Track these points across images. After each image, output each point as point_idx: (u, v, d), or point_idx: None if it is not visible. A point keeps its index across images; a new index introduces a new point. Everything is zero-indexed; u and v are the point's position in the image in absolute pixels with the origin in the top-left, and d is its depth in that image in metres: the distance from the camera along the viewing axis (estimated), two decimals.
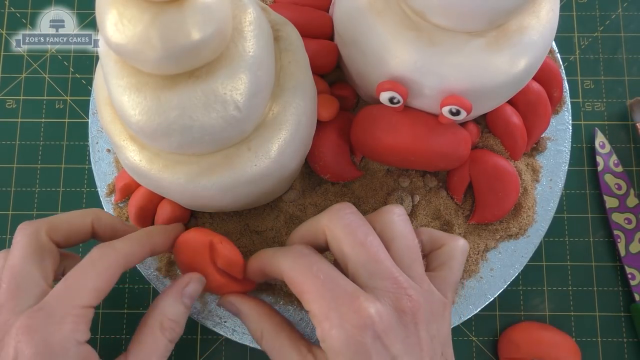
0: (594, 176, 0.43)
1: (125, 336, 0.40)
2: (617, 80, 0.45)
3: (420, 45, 0.30)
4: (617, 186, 0.42)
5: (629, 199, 0.42)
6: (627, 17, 0.46)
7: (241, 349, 0.40)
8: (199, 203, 0.33)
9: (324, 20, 0.37)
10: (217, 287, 0.33)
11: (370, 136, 0.35)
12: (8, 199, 0.43)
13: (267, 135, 0.30)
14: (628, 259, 0.41)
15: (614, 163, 0.42)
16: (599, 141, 0.43)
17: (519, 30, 0.30)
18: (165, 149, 0.29)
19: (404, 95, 0.32)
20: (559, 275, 0.41)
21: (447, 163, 0.36)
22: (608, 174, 0.42)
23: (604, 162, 0.42)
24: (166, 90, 0.26)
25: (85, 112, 0.44)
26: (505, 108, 0.37)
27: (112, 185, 0.39)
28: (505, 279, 0.38)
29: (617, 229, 0.41)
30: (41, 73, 0.45)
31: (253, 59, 0.27)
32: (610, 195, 0.42)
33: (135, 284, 0.41)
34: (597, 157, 0.42)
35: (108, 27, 0.24)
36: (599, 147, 0.43)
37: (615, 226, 0.41)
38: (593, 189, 0.43)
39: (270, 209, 0.38)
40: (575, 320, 0.41)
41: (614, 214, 0.42)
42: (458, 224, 0.38)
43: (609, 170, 0.42)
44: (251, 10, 0.28)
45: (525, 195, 0.38)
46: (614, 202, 0.42)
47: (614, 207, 0.42)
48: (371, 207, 0.37)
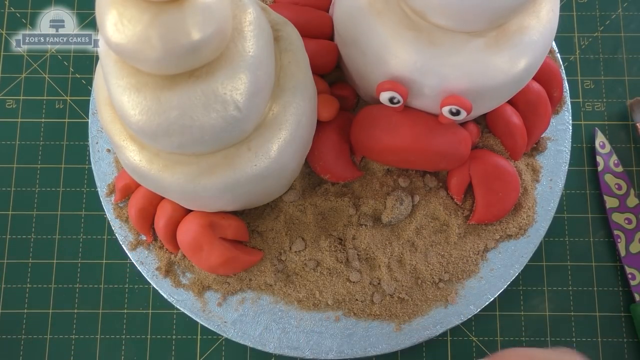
0: (594, 176, 0.43)
1: (125, 336, 0.40)
2: (617, 80, 0.45)
3: (420, 45, 0.30)
4: (617, 186, 0.42)
5: (629, 199, 0.42)
6: (627, 17, 0.46)
7: (241, 349, 0.40)
8: (199, 203, 0.33)
9: (324, 20, 0.37)
10: (227, 262, 0.35)
11: (370, 136, 0.35)
12: (8, 199, 0.43)
13: (267, 135, 0.30)
14: (628, 259, 0.41)
15: (614, 163, 0.42)
16: (599, 141, 0.43)
17: (519, 30, 0.30)
18: (165, 149, 0.29)
19: (404, 95, 0.32)
20: (559, 275, 0.41)
21: (447, 163, 0.36)
22: (608, 174, 0.42)
23: (604, 162, 0.42)
24: (166, 90, 0.26)
25: (85, 112, 0.44)
26: (505, 108, 0.37)
27: (112, 185, 0.39)
28: (505, 279, 0.38)
29: (617, 229, 0.41)
30: (41, 73, 0.45)
31: (253, 59, 0.27)
32: (610, 195, 0.42)
33: (135, 284, 0.41)
34: (597, 157, 0.42)
35: (108, 27, 0.24)
36: (599, 147, 0.43)
37: (615, 226, 0.41)
38: (593, 189, 0.43)
39: (270, 209, 0.38)
40: (575, 320, 0.41)
41: (614, 214, 0.42)
42: (458, 224, 0.38)
43: (609, 170, 0.42)
44: (251, 10, 0.28)
45: (525, 195, 0.38)
46: (614, 202, 0.42)
47: (614, 207, 0.42)
48: (371, 207, 0.37)
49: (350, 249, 0.37)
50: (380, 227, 0.38)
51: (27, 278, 0.41)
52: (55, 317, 0.41)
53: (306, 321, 0.37)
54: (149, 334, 0.40)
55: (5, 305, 0.41)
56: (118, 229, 0.38)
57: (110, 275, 0.41)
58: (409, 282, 0.37)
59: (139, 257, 0.38)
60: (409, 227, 0.37)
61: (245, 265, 0.36)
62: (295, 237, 0.37)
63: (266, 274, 0.37)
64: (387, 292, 0.37)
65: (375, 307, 0.37)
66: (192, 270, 0.37)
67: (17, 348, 0.40)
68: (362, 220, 0.37)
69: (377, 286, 0.37)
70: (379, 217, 0.38)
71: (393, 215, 0.37)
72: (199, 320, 0.37)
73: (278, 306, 0.37)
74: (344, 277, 0.37)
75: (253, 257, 0.36)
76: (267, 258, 0.37)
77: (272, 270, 0.37)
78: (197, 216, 0.35)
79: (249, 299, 0.37)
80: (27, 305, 0.41)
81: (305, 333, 0.37)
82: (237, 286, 0.37)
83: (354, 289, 0.37)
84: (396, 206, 0.37)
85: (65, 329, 0.40)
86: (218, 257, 0.35)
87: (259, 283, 0.37)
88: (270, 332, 0.37)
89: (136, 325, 0.40)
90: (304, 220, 0.37)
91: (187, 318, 0.40)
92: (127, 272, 0.41)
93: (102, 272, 0.41)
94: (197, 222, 0.34)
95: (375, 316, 0.37)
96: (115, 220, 0.38)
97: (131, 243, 0.38)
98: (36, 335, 0.40)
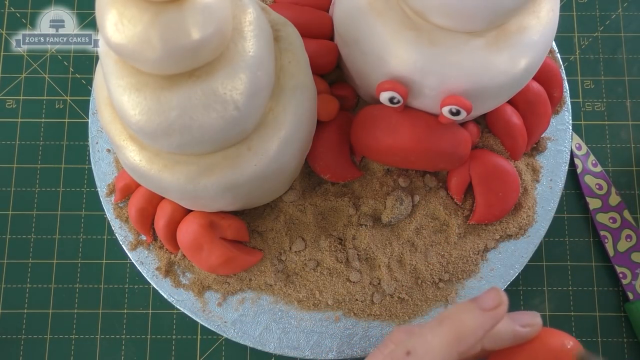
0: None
1: (125, 336, 0.40)
2: (617, 80, 0.45)
3: (420, 45, 0.30)
4: (598, 186, 0.42)
5: (611, 197, 0.42)
6: (627, 17, 0.46)
7: (241, 349, 0.40)
8: (199, 203, 0.33)
9: (324, 20, 0.37)
10: (227, 262, 0.35)
11: (370, 136, 0.35)
12: (8, 199, 0.43)
13: (267, 135, 0.30)
14: (617, 258, 0.41)
15: (592, 163, 0.42)
16: (575, 143, 0.42)
17: (519, 30, 0.30)
18: (165, 149, 0.29)
19: (404, 95, 0.32)
20: (559, 275, 0.41)
21: (447, 163, 0.36)
22: (587, 175, 0.42)
23: (582, 163, 0.42)
24: (166, 90, 0.26)
25: (85, 112, 0.44)
26: (505, 108, 0.37)
27: (112, 185, 0.39)
28: (505, 279, 0.38)
29: (603, 229, 0.41)
30: (41, 73, 0.45)
31: (253, 59, 0.27)
32: (592, 197, 0.42)
33: (135, 284, 0.41)
34: (575, 160, 0.42)
35: (108, 27, 0.24)
36: (575, 149, 0.42)
37: (600, 227, 0.41)
38: None
39: (270, 209, 0.38)
40: (575, 320, 0.41)
41: (598, 214, 0.41)
42: (458, 224, 0.38)
43: (588, 171, 0.42)
44: (251, 10, 0.28)
45: (525, 195, 0.38)
46: (597, 202, 0.42)
47: (598, 208, 0.41)
48: (371, 207, 0.37)
49: (350, 249, 0.37)
50: (380, 227, 0.38)
51: (27, 278, 0.41)
52: (55, 317, 0.41)
53: (306, 321, 0.37)
54: (149, 334, 0.40)
55: (5, 305, 0.41)
56: (118, 229, 0.38)
57: (110, 275, 0.41)
58: (409, 282, 0.37)
59: (139, 257, 0.38)
60: (409, 227, 0.37)
61: (245, 265, 0.36)
62: (295, 237, 0.37)
63: (266, 274, 0.37)
64: (387, 292, 0.37)
65: (375, 307, 0.37)
66: (192, 270, 0.37)
67: (17, 348, 0.40)
68: (362, 220, 0.37)
69: (377, 286, 0.37)
70: (379, 217, 0.38)
71: (393, 215, 0.37)
72: (199, 320, 0.37)
73: (278, 306, 0.37)
74: (344, 277, 0.37)
75: (253, 257, 0.36)
76: (267, 258, 0.37)
77: (272, 270, 0.37)
78: (197, 216, 0.35)
79: (249, 299, 0.37)
80: (27, 305, 0.41)
81: (305, 333, 0.37)
82: (237, 286, 0.37)
83: (354, 289, 0.37)
84: (396, 206, 0.37)
85: (65, 329, 0.40)
86: (218, 257, 0.35)
87: (259, 283, 0.37)
88: (270, 332, 0.37)
89: (136, 325, 0.40)
90: (304, 220, 0.37)
91: (187, 318, 0.40)
92: (127, 272, 0.41)
93: (102, 272, 0.41)
94: (197, 222, 0.34)
95: (375, 316, 0.37)
96: (115, 220, 0.38)
97: (131, 243, 0.38)
98: (36, 335, 0.40)
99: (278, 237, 0.37)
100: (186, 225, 0.35)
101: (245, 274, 0.37)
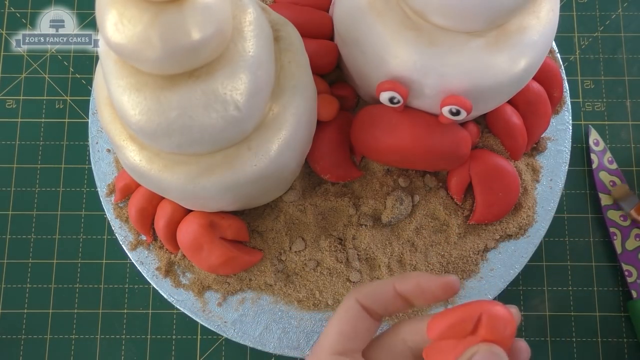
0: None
1: (125, 336, 0.40)
2: (617, 80, 0.45)
3: (420, 45, 0.30)
4: (612, 183, 0.42)
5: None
6: (627, 17, 0.46)
7: (241, 349, 0.40)
8: (199, 203, 0.33)
9: (324, 20, 0.37)
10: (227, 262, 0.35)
11: (370, 136, 0.35)
12: (8, 199, 0.43)
13: (267, 135, 0.30)
14: (624, 256, 0.41)
15: (609, 160, 0.42)
16: (593, 139, 0.43)
17: (519, 30, 0.30)
18: (165, 149, 0.29)
19: (404, 95, 0.32)
20: (559, 275, 0.41)
21: (447, 163, 0.36)
22: (603, 171, 0.42)
23: (599, 159, 0.42)
24: (166, 90, 0.26)
25: (85, 112, 0.44)
26: (505, 108, 0.37)
27: (112, 185, 0.39)
28: (505, 279, 0.38)
29: (612, 226, 0.41)
30: (41, 73, 0.45)
31: (253, 59, 0.27)
32: (605, 193, 0.42)
33: (135, 284, 0.41)
34: (592, 155, 0.42)
35: (108, 27, 0.24)
36: (593, 144, 0.42)
37: (610, 223, 0.41)
38: (593, 189, 0.43)
39: (270, 209, 0.38)
40: (575, 320, 0.41)
41: (609, 211, 0.41)
42: (458, 224, 0.38)
43: (604, 167, 0.42)
44: (251, 10, 0.28)
45: (525, 195, 0.38)
46: (609, 199, 0.42)
47: (609, 205, 0.42)
48: (371, 207, 0.37)
49: (350, 249, 0.37)
50: (380, 227, 0.38)
51: (27, 278, 0.41)
52: (55, 317, 0.41)
53: (306, 321, 0.37)
54: (149, 334, 0.40)
55: (5, 305, 0.41)
56: (118, 229, 0.38)
57: (110, 275, 0.41)
58: None
59: (139, 257, 0.38)
60: (409, 227, 0.37)
61: (245, 265, 0.36)
62: (295, 237, 0.37)
63: (266, 274, 0.37)
64: None
65: None
66: (192, 270, 0.37)
67: (17, 348, 0.40)
68: (362, 220, 0.37)
69: None
70: (379, 217, 0.38)
71: (393, 215, 0.37)
72: (199, 320, 0.37)
73: (278, 306, 0.37)
74: (344, 277, 0.37)
75: (253, 257, 0.36)
76: (267, 258, 0.37)
77: (272, 270, 0.37)
78: (197, 216, 0.35)
79: (249, 299, 0.37)
80: (27, 305, 0.41)
81: (305, 333, 0.37)
82: (237, 286, 0.37)
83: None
84: (396, 206, 0.37)
85: (65, 329, 0.40)
86: (218, 257, 0.35)
87: (259, 283, 0.37)
88: (270, 332, 0.37)
89: (136, 325, 0.40)
90: (304, 220, 0.37)
91: (187, 318, 0.40)
92: (127, 272, 0.41)
93: (102, 272, 0.41)
94: (197, 222, 0.34)
95: None
96: (115, 220, 0.38)
97: (131, 243, 0.38)
98: (36, 335, 0.40)
99: (278, 237, 0.37)
100: (186, 225, 0.35)
101: (245, 274, 0.37)
